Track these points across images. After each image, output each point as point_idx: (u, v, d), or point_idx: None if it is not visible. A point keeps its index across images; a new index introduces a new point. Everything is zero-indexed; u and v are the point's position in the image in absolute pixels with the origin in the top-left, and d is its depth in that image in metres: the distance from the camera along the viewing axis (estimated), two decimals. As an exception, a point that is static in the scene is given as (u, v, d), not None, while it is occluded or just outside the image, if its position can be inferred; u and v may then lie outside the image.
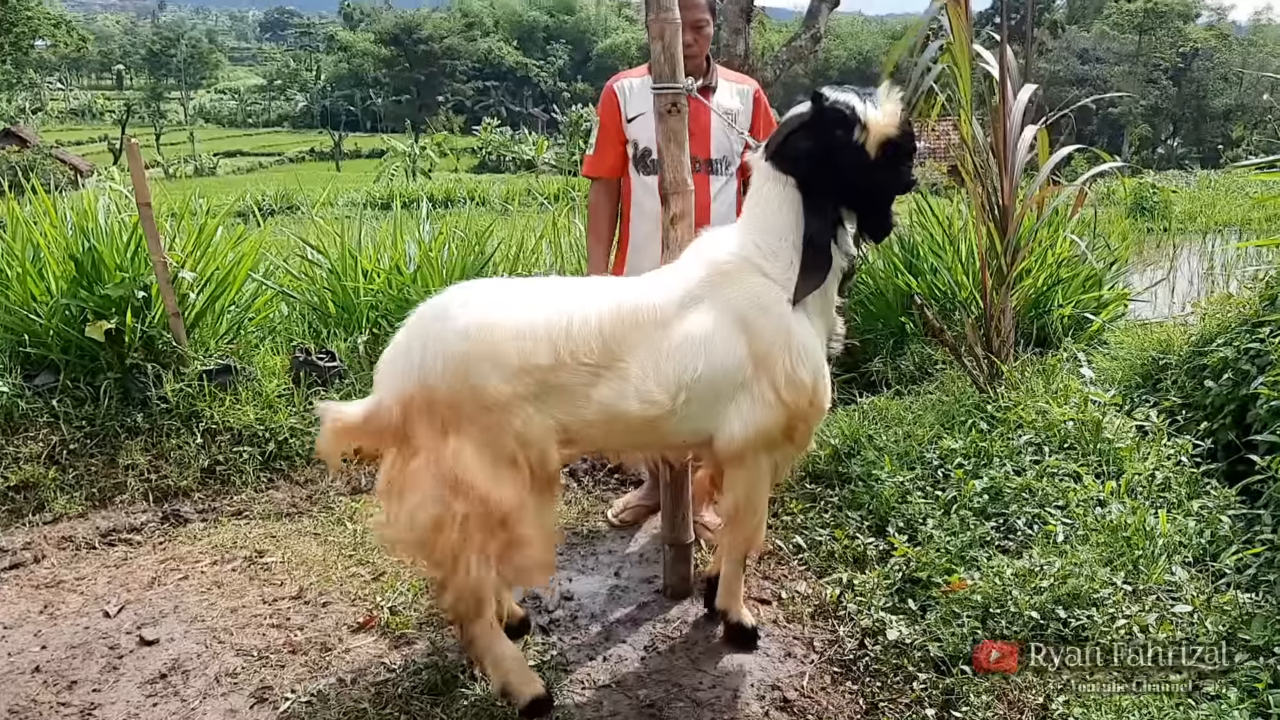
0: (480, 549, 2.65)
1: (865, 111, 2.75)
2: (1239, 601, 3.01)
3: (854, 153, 2.76)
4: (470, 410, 2.58)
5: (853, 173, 2.79)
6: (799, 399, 2.82)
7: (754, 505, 3.05)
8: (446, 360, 2.56)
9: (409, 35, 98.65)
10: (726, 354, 2.77)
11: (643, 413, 2.70)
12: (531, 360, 2.58)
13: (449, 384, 2.56)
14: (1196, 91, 62.10)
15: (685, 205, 3.31)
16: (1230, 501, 3.62)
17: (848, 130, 2.75)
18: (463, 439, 2.59)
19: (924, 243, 6.13)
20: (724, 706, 3.03)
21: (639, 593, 3.74)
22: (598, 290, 2.84)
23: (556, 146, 59.85)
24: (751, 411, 2.82)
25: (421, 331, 2.66)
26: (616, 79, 3.96)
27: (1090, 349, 5.48)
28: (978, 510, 3.71)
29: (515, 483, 2.64)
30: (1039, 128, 4.61)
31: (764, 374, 2.80)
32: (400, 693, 3.05)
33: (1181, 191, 15.93)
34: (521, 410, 2.60)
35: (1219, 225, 12.69)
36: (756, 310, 2.81)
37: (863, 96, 2.80)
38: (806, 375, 2.82)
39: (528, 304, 2.68)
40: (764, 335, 2.80)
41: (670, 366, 2.72)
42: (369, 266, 5.83)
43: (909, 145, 2.83)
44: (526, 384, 2.59)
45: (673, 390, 2.72)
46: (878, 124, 2.74)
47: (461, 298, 2.71)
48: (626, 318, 2.71)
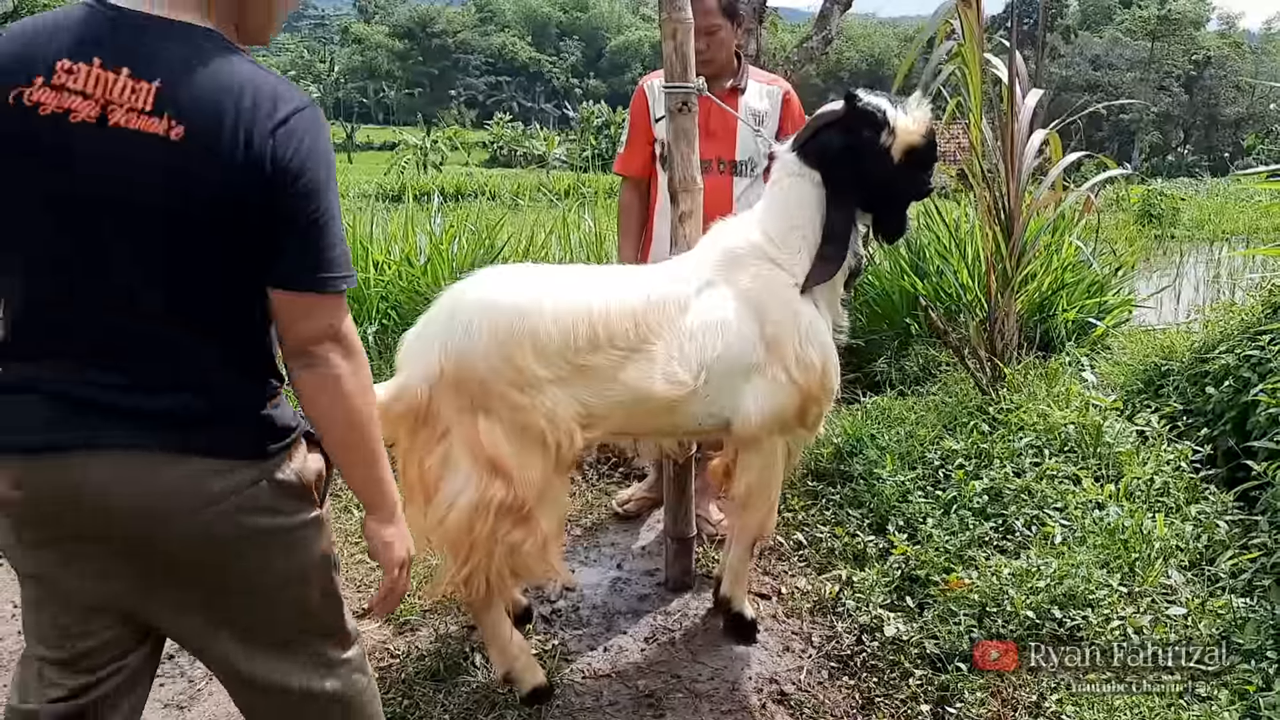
0: (504, 536, 2.69)
1: (895, 117, 2.84)
2: (1233, 605, 3.05)
3: (879, 155, 2.85)
4: (502, 389, 2.61)
5: (875, 174, 2.88)
6: (809, 379, 2.90)
7: (767, 489, 3.12)
8: (490, 338, 2.59)
9: (423, 29, 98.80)
10: (741, 335, 2.85)
11: (667, 393, 2.76)
12: (571, 343, 2.64)
13: (488, 362, 2.59)
14: (1208, 99, 62.00)
15: (694, 203, 3.35)
16: (1227, 506, 3.65)
17: (876, 132, 2.85)
18: (492, 419, 2.63)
19: (930, 245, 6.16)
20: (722, 698, 3.07)
21: (640, 585, 3.78)
22: (626, 276, 2.94)
23: (568, 142, 59.93)
24: (766, 393, 2.90)
25: (459, 310, 2.67)
26: (647, 79, 3.96)
27: (1093, 354, 5.51)
28: (977, 510, 3.75)
29: (542, 465, 2.68)
30: (1048, 132, 4.64)
31: (775, 355, 2.88)
32: (403, 678, 3.10)
33: (1190, 199, 15.90)
34: (551, 391, 2.65)
35: (1227, 233, 12.69)
36: (766, 294, 2.90)
37: (894, 102, 2.89)
38: (815, 356, 2.91)
39: (565, 287, 2.75)
40: (774, 317, 2.88)
41: (693, 347, 2.79)
42: (380, 258, 5.88)
43: (931, 154, 2.93)
44: (562, 366, 2.64)
45: (695, 370, 2.78)
46: (905, 130, 2.83)
47: (500, 279, 2.77)
48: (655, 302, 2.78)
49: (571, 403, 2.69)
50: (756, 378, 2.90)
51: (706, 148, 3.63)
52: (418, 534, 2.85)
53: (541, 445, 2.67)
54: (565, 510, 3.04)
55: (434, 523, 2.73)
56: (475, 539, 2.68)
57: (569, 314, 2.66)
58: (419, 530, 2.82)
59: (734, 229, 3.05)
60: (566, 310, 2.66)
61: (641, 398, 2.76)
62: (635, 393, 2.75)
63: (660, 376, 2.75)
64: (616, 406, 2.77)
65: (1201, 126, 63.09)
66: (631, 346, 2.72)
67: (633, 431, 3.03)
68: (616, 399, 2.74)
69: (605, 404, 2.75)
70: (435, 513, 2.72)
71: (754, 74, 3.92)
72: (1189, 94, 62.24)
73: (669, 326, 2.78)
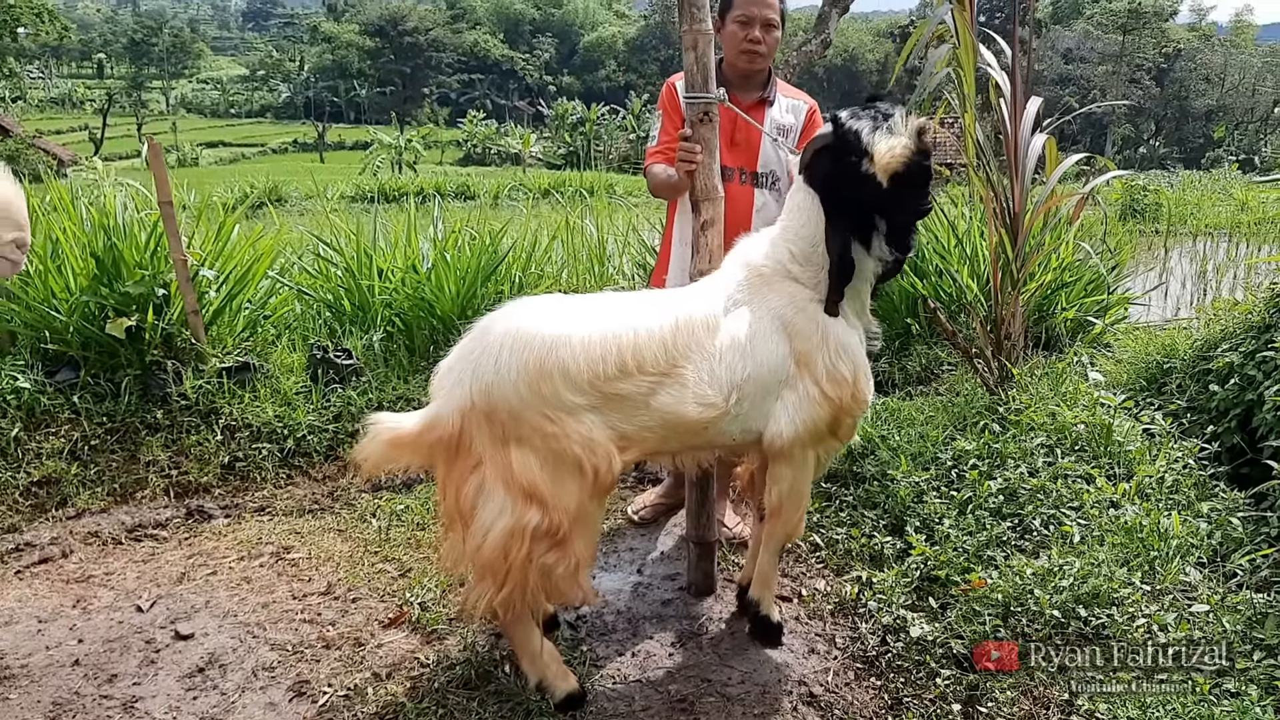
0: (539, 559, 2.71)
1: (872, 142, 2.76)
2: (1253, 601, 3.11)
3: (865, 179, 2.78)
4: (534, 419, 2.64)
5: (865, 197, 2.82)
6: (841, 393, 2.93)
7: (798, 498, 3.16)
8: (520, 371, 2.62)
9: (394, 27, 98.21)
10: (770, 353, 2.88)
11: (700, 415, 2.79)
12: (602, 372, 2.66)
13: (519, 394, 2.62)
14: (1179, 92, 62.57)
15: (715, 212, 3.39)
16: (1239, 504, 3.72)
17: (859, 158, 2.78)
18: (525, 448, 2.66)
19: (929, 245, 6.21)
20: (753, 701, 3.11)
21: (662, 590, 3.82)
22: (653, 303, 2.93)
23: (543, 140, 59.82)
24: (798, 408, 2.92)
25: (489, 343, 2.70)
26: (675, 77, 3.82)
27: (1094, 352, 5.58)
28: (993, 511, 3.80)
29: (578, 490, 2.70)
30: (1047, 135, 4.70)
31: (806, 371, 2.91)
32: (436, 687, 3.12)
33: (1164, 193, 16.05)
34: (587, 418, 2.68)
35: (1209, 228, 12.85)
36: (793, 311, 2.92)
37: (877, 123, 2.79)
38: (846, 370, 2.93)
39: (593, 318, 2.76)
40: (803, 334, 2.91)
41: (722, 369, 2.81)
42: (384, 265, 5.87)
43: (922, 175, 2.81)
44: (594, 395, 2.67)
45: (726, 391, 2.81)
46: (881, 156, 2.74)
47: (527, 311, 2.78)
48: (683, 326, 2.80)
49: (606, 428, 2.72)
50: (788, 394, 2.93)
51: (729, 157, 3.65)
52: (456, 560, 2.89)
53: (578, 471, 2.69)
54: (598, 533, 3.07)
55: (471, 549, 2.76)
56: (511, 564, 2.71)
57: (598, 344, 2.68)
58: (457, 556, 2.88)
59: (758, 247, 3.06)
60: (596, 340, 2.69)
61: (674, 421, 2.79)
62: (668, 416, 2.78)
63: (692, 399, 2.78)
64: (651, 430, 2.80)
65: (1173, 119, 63.66)
66: (662, 371, 2.75)
67: (668, 450, 3.04)
68: (650, 423, 2.78)
69: (639, 428, 2.78)
70: (472, 540, 2.75)
71: (782, 88, 3.89)
72: (1160, 86, 62.79)
73: (698, 349, 2.81)
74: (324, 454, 4.89)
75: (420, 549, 4.04)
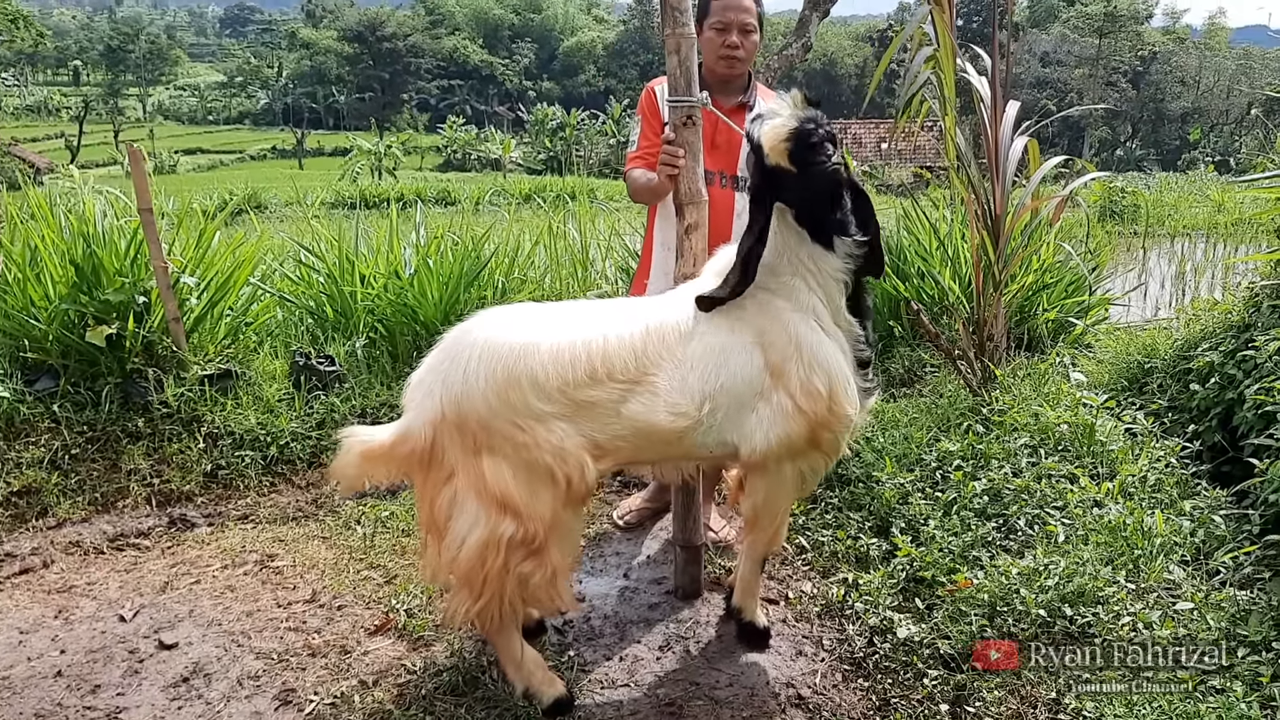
0: (515, 568, 2.71)
1: (759, 133, 2.78)
2: (1236, 599, 3.14)
3: (774, 173, 2.78)
4: (504, 429, 2.64)
5: (786, 189, 2.81)
6: (816, 406, 2.85)
7: (772, 511, 3.13)
8: (488, 381, 2.61)
9: (373, 33, 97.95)
10: (743, 364, 2.83)
11: (672, 424, 2.77)
12: (571, 379, 2.65)
13: (488, 404, 2.62)
14: (1154, 95, 63.03)
15: (700, 216, 3.38)
16: (1221, 502, 3.75)
17: (759, 155, 2.79)
18: (497, 458, 2.65)
19: (911, 247, 6.23)
20: (741, 704, 3.11)
21: (649, 594, 3.81)
22: (625, 310, 2.91)
23: (523, 145, 59.82)
24: (773, 421, 2.86)
25: (458, 354, 2.69)
26: (654, 83, 3.88)
27: (1076, 353, 5.62)
28: (978, 511, 3.81)
29: (551, 499, 2.70)
30: (1028, 138, 4.73)
31: (780, 384, 2.85)
32: (423, 694, 3.11)
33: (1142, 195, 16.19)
34: (557, 427, 2.67)
35: (1186, 229, 12.95)
36: (766, 320, 2.87)
37: (767, 114, 2.82)
38: (821, 383, 2.85)
39: (562, 326, 2.75)
40: (776, 345, 2.85)
41: (694, 378, 2.78)
42: (366, 271, 5.85)
43: (809, 153, 2.74)
44: (563, 403, 2.66)
45: (698, 400, 2.78)
46: (768, 142, 2.75)
47: (496, 321, 2.77)
48: (654, 334, 2.78)
49: (579, 437, 2.70)
50: (762, 406, 2.86)
51: (710, 161, 3.65)
52: (434, 570, 2.89)
53: (550, 480, 2.69)
54: (577, 542, 3.06)
55: (448, 560, 2.76)
56: (487, 574, 2.71)
57: (567, 351, 2.67)
58: (435, 567, 2.87)
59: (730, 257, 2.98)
60: (565, 348, 2.68)
61: (646, 429, 2.77)
62: (640, 425, 2.76)
63: (664, 408, 2.76)
64: (624, 438, 2.78)
65: (1149, 121, 64.11)
66: (633, 379, 2.73)
67: (645, 460, 3.03)
68: (623, 431, 2.76)
69: (612, 436, 2.76)
70: (448, 551, 2.75)
71: (762, 92, 3.89)
72: (1136, 89, 63.25)
73: (670, 357, 2.78)
74: (307, 461, 4.86)
75: (405, 555, 4.03)
